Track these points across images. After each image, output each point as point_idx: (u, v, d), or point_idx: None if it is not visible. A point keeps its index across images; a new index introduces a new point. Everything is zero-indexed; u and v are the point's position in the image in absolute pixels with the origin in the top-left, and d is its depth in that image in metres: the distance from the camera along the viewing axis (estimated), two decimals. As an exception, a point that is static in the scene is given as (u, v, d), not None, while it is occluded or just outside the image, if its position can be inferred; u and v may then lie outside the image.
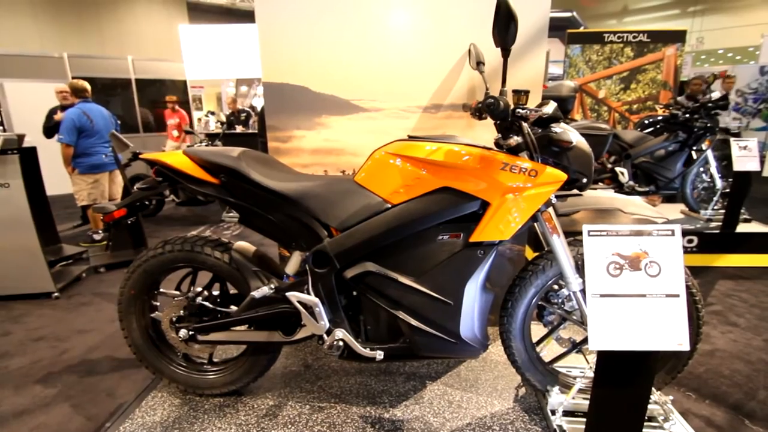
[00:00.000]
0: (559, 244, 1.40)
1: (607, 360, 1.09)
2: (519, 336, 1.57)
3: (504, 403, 1.70)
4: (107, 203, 1.61)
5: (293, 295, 1.45)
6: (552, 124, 1.32)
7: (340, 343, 1.46)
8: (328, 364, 1.95)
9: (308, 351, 2.07)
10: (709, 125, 3.68)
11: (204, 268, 1.60)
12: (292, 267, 1.53)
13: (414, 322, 1.41)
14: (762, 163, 3.64)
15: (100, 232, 4.40)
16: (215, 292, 1.68)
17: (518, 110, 1.27)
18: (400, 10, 1.88)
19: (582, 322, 1.53)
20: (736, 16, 12.80)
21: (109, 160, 4.16)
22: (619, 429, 1.13)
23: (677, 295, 1.04)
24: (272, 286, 1.47)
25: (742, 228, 3.57)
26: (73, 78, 5.63)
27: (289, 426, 1.57)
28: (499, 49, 1.27)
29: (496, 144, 1.42)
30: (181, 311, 1.62)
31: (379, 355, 1.45)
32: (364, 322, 1.50)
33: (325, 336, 1.48)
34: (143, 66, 7.22)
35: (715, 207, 3.78)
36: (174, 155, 1.48)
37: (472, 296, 1.40)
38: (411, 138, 1.46)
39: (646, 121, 4.09)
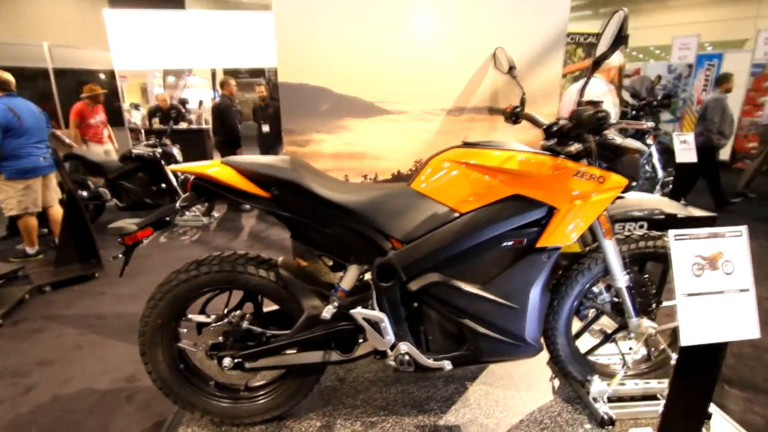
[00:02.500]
0: (611, 245, 1.48)
1: (688, 352, 1.18)
2: (563, 332, 1.64)
3: (544, 395, 1.77)
4: (126, 222, 1.40)
5: (359, 313, 1.37)
6: (605, 131, 1.38)
7: (406, 357, 1.42)
8: (362, 375, 1.89)
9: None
10: (652, 122, 4.10)
11: (246, 289, 1.46)
12: (348, 282, 1.45)
13: (480, 329, 1.41)
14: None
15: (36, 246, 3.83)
16: (250, 312, 1.54)
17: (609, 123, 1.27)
18: (425, 9, 1.84)
19: (620, 315, 1.65)
20: (647, 18, 14.35)
21: (46, 162, 3.62)
22: (692, 413, 1.23)
23: (747, 290, 1.15)
24: (335, 304, 1.39)
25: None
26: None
27: (348, 447, 1.51)
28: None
29: (548, 149, 1.45)
30: (220, 337, 1.47)
31: (447, 365, 1.43)
32: (425, 332, 1.47)
33: (388, 351, 1.43)
34: (62, 54, 6.33)
35: (658, 195, 4.23)
36: (215, 166, 1.32)
37: (536, 299, 1.43)
38: (466, 144, 1.45)
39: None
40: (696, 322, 1.12)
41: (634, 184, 1.45)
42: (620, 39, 1.13)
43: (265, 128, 6.51)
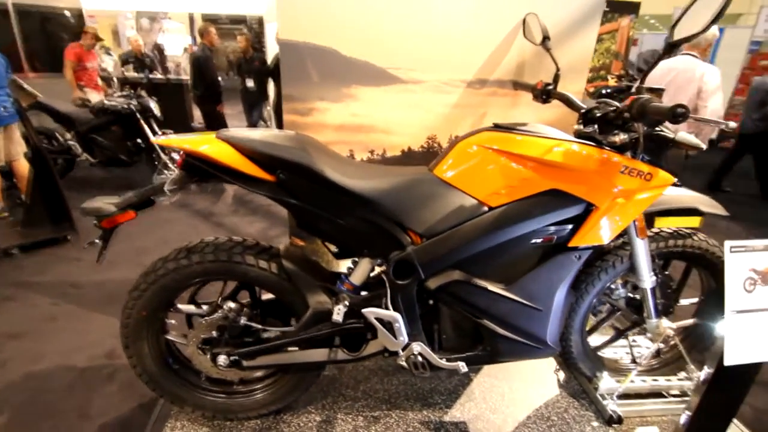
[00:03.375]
0: (642, 244, 1.37)
1: (725, 369, 1.11)
2: (579, 329, 1.57)
3: (550, 390, 1.72)
4: (102, 202, 1.20)
5: (371, 312, 1.25)
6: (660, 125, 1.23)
7: (419, 358, 1.32)
8: (362, 364, 1.80)
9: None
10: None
11: (244, 280, 1.30)
12: (358, 276, 1.31)
13: (500, 330, 1.31)
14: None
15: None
16: (246, 303, 1.40)
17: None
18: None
19: (636, 312, 1.57)
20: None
21: (7, 113, 3.26)
22: (716, 426, 1.19)
23: (797, 307, 1.07)
24: (346, 303, 1.25)
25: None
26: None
27: (351, 445, 1.43)
28: None
29: (586, 137, 1.29)
30: (214, 332, 1.33)
31: (462, 366, 1.34)
32: (439, 331, 1.37)
33: (400, 351, 1.32)
34: (23, -11, 5.63)
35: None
36: (211, 142, 1.12)
37: (561, 300, 1.33)
38: (497, 127, 1.28)
39: (603, 91, 4.27)
40: (742, 340, 1.04)
41: (678, 182, 1.33)
42: (724, 10, 0.95)
43: (250, 83, 6.11)
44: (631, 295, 1.62)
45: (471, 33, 1.68)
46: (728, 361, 1.05)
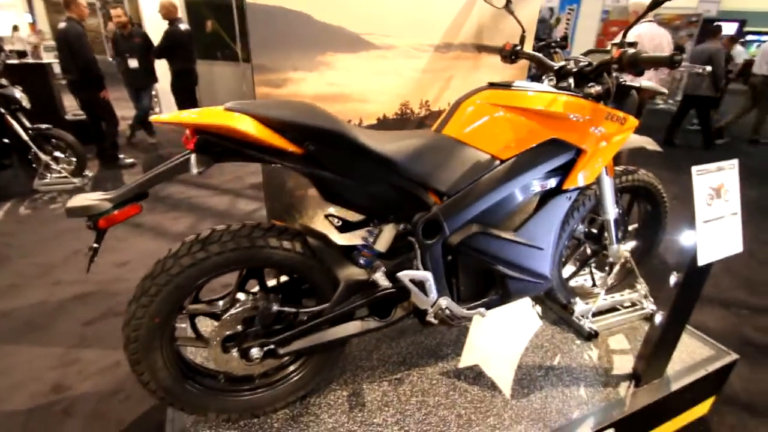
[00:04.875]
0: (609, 182, 1.60)
1: (694, 271, 1.37)
2: (557, 264, 1.78)
3: (533, 323, 1.94)
4: (88, 198, 1.00)
5: (405, 275, 1.26)
6: (616, 74, 1.42)
7: (447, 311, 1.39)
8: (364, 336, 1.81)
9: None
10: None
11: (267, 265, 1.22)
12: (383, 243, 1.31)
13: (511, 272, 1.43)
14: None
15: None
16: (266, 288, 1.31)
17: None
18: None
19: (596, 243, 1.84)
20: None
21: None
22: (685, 316, 1.48)
23: (737, 213, 1.36)
24: (382, 269, 1.25)
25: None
26: None
27: (387, 408, 1.46)
28: None
29: (564, 91, 1.44)
30: (239, 326, 1.23)
31: (484, 311, 1.44)
32: (457, 284, 1.45)
33: (429, 308, 1.37)
34: None
35: None
36: (229, 116, 1.00)
37: (556, 238, 1.49)
38: (492, 85, 1.36)
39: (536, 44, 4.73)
40: (709, 244, 1.30)
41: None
42: None
43: (133, 63, 5.36)
44: (587, 230, 1.89)
45: (436, -4, 1.71)
46: (701, 261, 1.31)
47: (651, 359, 1.56)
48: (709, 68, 1.47)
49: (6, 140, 3.81)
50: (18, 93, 3.80)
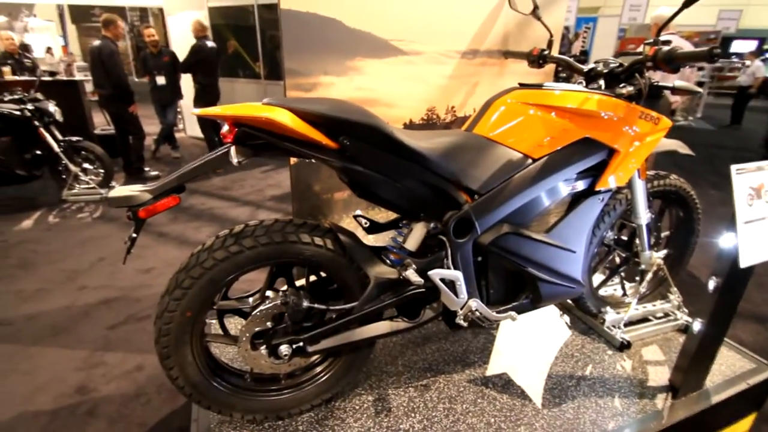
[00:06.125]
0: (642, 185, 1.57)
1: (734, 274, 1.32)
2: (588, 270, 1.73)
3: (563, 333, 1.88)
4: (130, 189, 1.03)
5: (437, 273, 1.25)
6: (647, 74, 1.41)
7: (477, 314, 1.36)
8: (390, 341, 1.79)
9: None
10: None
11: (297, 262, 1.22)
12: (413, 242, 1.30)
13: (542, 275, 1.40)
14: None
15: None
16: (297, 285, 1.31)
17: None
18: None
19: (627, 250, 1.80)
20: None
21: None
22: (725, 322, 1.42)
23: (779, 214, 1.32)
24: (414, 267, 1.24)
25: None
26: None
27: (414, 414, 1.42)
28: None
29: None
30: (269, 323, 1.22)
31: (514, 315, 1.41)
32: (487, 286, 1.42)
33: (459, 310, 1.35)
34: None
35: None
36: (269, 109, 1.02)
37: (588, 241, 1.46)
38: (523, 86, 1.37)
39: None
40: (751, 245, 1.26)
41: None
42: None
43: (161, 80, 5.56)
44: (617, 237, 1.84)
45: (465, 3, 1.74)
46: (743, 264, 1.26)
47: (689, 370, 1.49)
48: (748, 62, 1.44)
49: (38, 152, 3.96)
50: (52, 107, 3.96)
